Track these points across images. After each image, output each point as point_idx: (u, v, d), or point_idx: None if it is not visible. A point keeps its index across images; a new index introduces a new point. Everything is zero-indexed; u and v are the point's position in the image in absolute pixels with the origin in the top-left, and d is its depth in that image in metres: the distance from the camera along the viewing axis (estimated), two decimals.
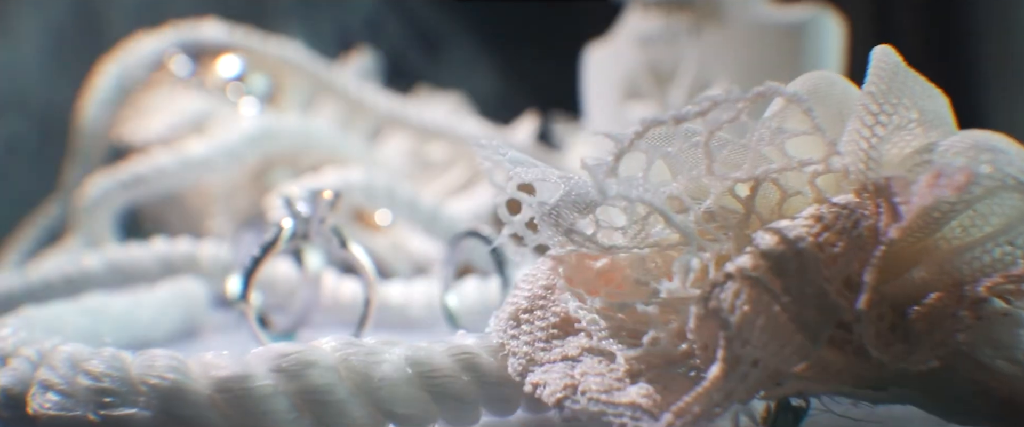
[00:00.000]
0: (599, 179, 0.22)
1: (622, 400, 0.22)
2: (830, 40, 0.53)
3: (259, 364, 0.22)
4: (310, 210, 0.33)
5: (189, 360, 0.22)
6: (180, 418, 0.22)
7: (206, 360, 0.22)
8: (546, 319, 0.25)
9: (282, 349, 0.22)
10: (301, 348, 0.22)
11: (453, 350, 0.24)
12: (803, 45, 0.53)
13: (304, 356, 0.22)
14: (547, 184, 0.25)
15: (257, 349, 0.23)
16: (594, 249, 0.24)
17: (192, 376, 0.22)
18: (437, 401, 0.23)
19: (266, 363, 0.22)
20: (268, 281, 0.43)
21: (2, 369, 0.24)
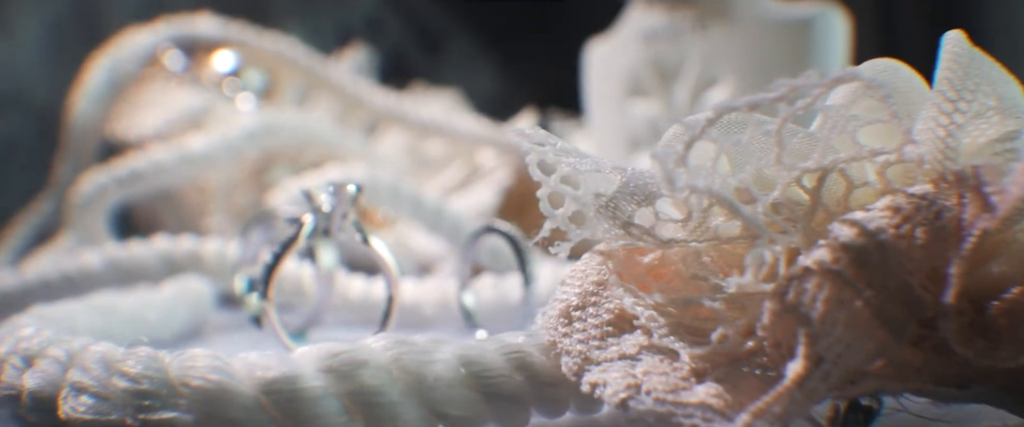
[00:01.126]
0: (669, 168, 0.20)
1: (690, 400, 0.20)
2: (836, 37, 0.52)
3: (307, 364, 0.21)
4: (332, 204, 0.32)
5: (232, 360, 0.21)
6: (225, 421, 0.20)
7: (250, 360, 0.21)
8: (599, 316, 0.23)
9: (331, 348, 0.21)
10: (351, 347, 0.21)
11: (505, 349, 0.23)
12: (810, 41, 0.52)
13: (355, 356, 0.21)
14: (600, 175, 0.24)
15: (303, 348, 0.21)
16: (650, 243, 0.23)
17: (237, 377, 0.20)
18: (489, 402, 0.22)
19: (315, 363, 0.21)
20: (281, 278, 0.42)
21: (29, 371, 0.22)
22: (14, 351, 0.23)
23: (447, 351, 0.22)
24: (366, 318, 0.42)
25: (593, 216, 0.25)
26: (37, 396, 0.22)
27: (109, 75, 0.59)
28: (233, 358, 0.21)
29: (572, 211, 0.26)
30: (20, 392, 0.22)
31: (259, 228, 0.40)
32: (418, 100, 0.67)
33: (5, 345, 0.24)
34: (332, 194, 0.32)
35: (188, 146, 0.51)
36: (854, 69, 0.21)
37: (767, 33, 0.52)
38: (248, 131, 0.51)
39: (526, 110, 0.66)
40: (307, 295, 0.42)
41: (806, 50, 0.52)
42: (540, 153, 0.26)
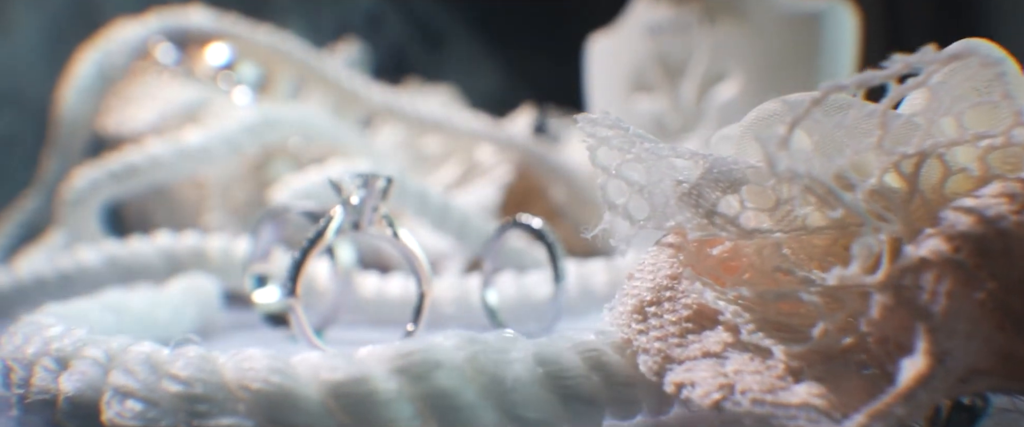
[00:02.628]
0: (771, 150, 0.19)
1: (791, 401, 0.19)
2: (846, 31, 0.51)
3: (378, 365, 0.19)
4: (363, 197, 0.30)
5: (293, 361, 0.19)
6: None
7: (313, 361, 0.19)
8: (677, 312, 0.22)
9: (401, 348, 0.19)
10: (423, 346, 0.19)
11: (580, 347, 0.21)
12: (820, 36, 0.50)
13: (429, 355, 0.19)
14: (667, 162, 0.22)
15: (371, 348, 0.19)
16: (733, 233, 0.21)
17: (301, 379, 0.18)
18: (565, 404, 0.20)
19: (385, 364, 0.19)
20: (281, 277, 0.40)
21: (65, 374, 0.20)
22: (45, 352, 0.21)
23: (523, 350, 0.20)
24: (379, 317, 0.40)
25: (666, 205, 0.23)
26: (76, 401, 0.19)
27: (98, 68, 0.56)
28: (292, 358, 0.19)
29: (633, 202, 0.24)
30: (55, 396, 0.20)
31: (270, 224, 0.38)
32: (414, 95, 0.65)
33: (33, 346, 0.21)
34: (362, 186, 0.30)
35: (185, 140, 0.48)
36: (969, 43, 0.19)
37: (776, 27, 0.51)
38: (247, 124, 0.49)
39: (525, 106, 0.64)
40: (319, 293, 0.40)
41: (816, 45, 0.50)
42: (601, 140, 0.24)
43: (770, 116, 0.21)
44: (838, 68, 0.50)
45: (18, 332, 0.23)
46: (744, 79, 0.51)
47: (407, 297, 0.40)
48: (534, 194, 0.59)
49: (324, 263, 0.41)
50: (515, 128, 0.62)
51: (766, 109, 0.21)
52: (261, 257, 0.38)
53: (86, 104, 0.56)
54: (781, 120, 0.21)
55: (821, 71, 0.50)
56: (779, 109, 0.20)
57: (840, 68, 0.50)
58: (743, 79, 0.51)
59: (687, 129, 0.53)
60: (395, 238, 0.30)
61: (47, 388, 0.20)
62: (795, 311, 0.21)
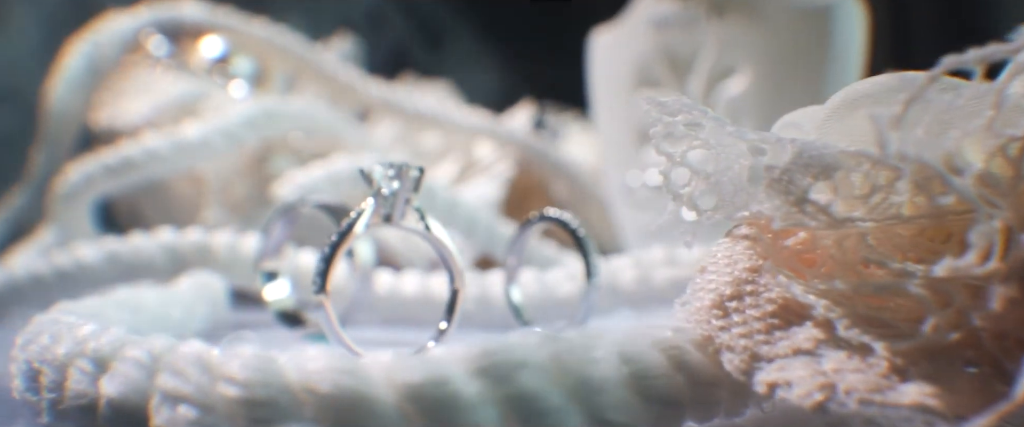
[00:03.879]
0: (883, 130, 0.17)
1: (902, 401, 0.17)
2: (855, 26, 0.49)
3: (457, 366, 0.17)
4: (397, 188, 0.28)
5: (362, 361, 0.17)
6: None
7: (384, 362, 0.17)
8: (760, 307, 0.20)
9: (480, 348, 0.17)
10: (503, 345, 0.17)
11: (662, 344, 0.19)
12: (829, 30, 0.49)
13: (512, 355, 0.17)
14: (737, 147, 0.21)
15: (447, 348, 0.17)
16: (823, 222, 0.19)
17: (373, 382, 0.17)
18: (648, 405, 0.18)
19: (466, 364, 0.17)
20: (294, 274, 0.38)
21: (106, 376, 0.18)
22: (80, 353, 0.19)
23: (606, 348, 0.18)
24: (392, 316, 0.39)
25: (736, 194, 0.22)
26: (120, 406, 0.17)
27: (88, 61, 0.54)
28: (360, 359, 0.17)
29: (700, 190, 0.22)
30: (95, 401, 0.18)
31: (282, 220, 0.35)
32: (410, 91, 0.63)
33: (64, 346, 0.19)
34: (395, 176, 0.28)
35: (183, 133, 0.46)
36: None
37: (785, 21, 0.49)
38: (247, 117, 0.47)
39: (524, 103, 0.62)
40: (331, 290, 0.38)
41: (826, 39, 0.49)
42: (668, 126, 0.22)
43: (866, 95, 0.19)
44: (847, 63, 0.49)
45: (42, 332, 0.21)
46: (753, 74, 0.50)
47: (422, 296, 0.38)
48: (535, 190, 0.57)
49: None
50: (514, 124, 0.60)
51: (857, 90, 0.20)
52: (272, 253, 0.36)
53: (76, 98, 0.53)
54: (876, 100, 0.19)
55: (831, 66, 0.49)
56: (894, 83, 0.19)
57: (849, 63, 0.49)
58: (752, 74, 0.50)
59: None
60: (427, 231, 0.29)
61: (84, 392, 0.18)
62: (884, 305, 0.20)
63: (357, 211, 0.28)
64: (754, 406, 0.21)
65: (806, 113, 0.23)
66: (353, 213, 0.28)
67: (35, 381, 0.20)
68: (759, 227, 0.21)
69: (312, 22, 0.68)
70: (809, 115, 0.22)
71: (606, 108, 0.55)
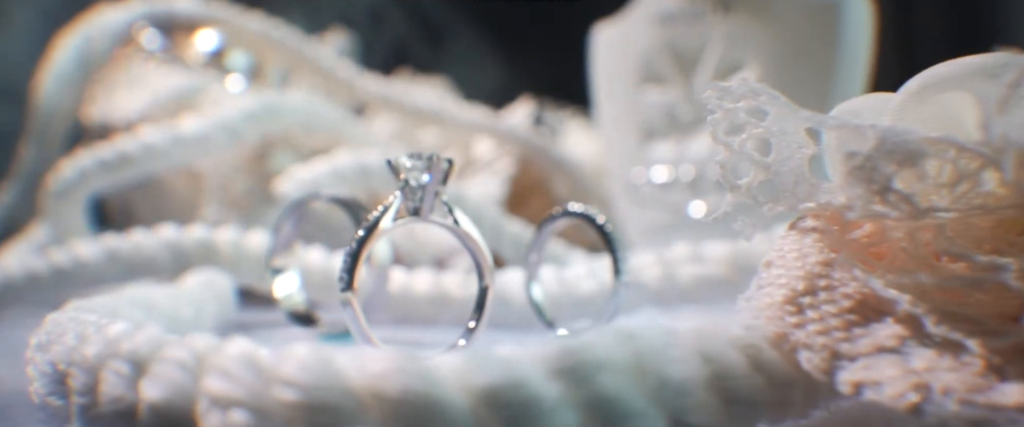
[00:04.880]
0: (990, 114, 0.16)
1: (1006, 402, 0.16)
2: (863, 20, 0.48)
3: (534, 367, 0.15)
4: (427, 180, 0.26)
5: (429, 363, 0.16)
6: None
7: (453, 363, 0.15)
8: (836, 302, 0.19)
9: (560, 347, 0.16)
10: (580, 344, 0.16)
11: (739, 341, 0.18)
12: (837, 25, 0.48)
13: (593, 354, 0.16)
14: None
15: (519, 347, 0.16)
16: (905, 213, 0.18)
17: (444, 384, 0.15)
18: (727, 407, 0.17)
19: (543, 365, 0.15)
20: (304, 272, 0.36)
21: (145, 379, 0.16)
22: (114, 353, 0.17)
23: (685, 346, 0.17)
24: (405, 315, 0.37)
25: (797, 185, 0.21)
26: (163, 411, 0.16)
27: (79, 55, 0.52)
28: (427, 360, 0.16)
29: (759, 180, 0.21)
30: (134, 406, 0.16)
31: (293, 216, 0.34)
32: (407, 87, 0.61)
33: (94, 346, 0.18)
34: (425, 168, 0.26)
35: (182, 128, 0.44)
36: None
37: (794, 15, 0.48)
38: (247, 112, 0.45)
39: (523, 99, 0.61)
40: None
41: (834, 34, 0.48)
42: (729, 113, 0.21)
43: (948, 79, 0.18)
44: (856, 58, 0.48)
45: (65, 332, 0.19)
46: (760, 69, 0.48)
47: (436, 294, 0.36)
48: (535, 188, 0.56)
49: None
50: (513, 121, 0.58)
51: (937, 74, 0.19)
52: (283, 251, 0.34)
53: (66, 92, 0.51)
54: (959, 84, 0.18)
55: (839, 61, 0.48)
56: (964, 70, 0.17)
57: (858, 58, 0.48)
58: (759, 69, 0.48)
59: (700, 122, 0.50)
60: (456, 225, 0.27)
61: (121, 396, 0.17)
62: (964, 300, 0.18)
63: (384, 205, 0.26)
64: (821, 407, 0.20)
65: (866, 101, 0.21)
66: (379, 207, 0.26)
67: (61, 384, 0.18)
68: (826, 219, 0.20)
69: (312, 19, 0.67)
70: (872, 102, 0.21)
71: (609, 104, 0.54)
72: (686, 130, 0.51)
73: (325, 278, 0.37)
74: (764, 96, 0.20)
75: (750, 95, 0.20)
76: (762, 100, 0.20)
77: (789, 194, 0.21)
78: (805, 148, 0.21)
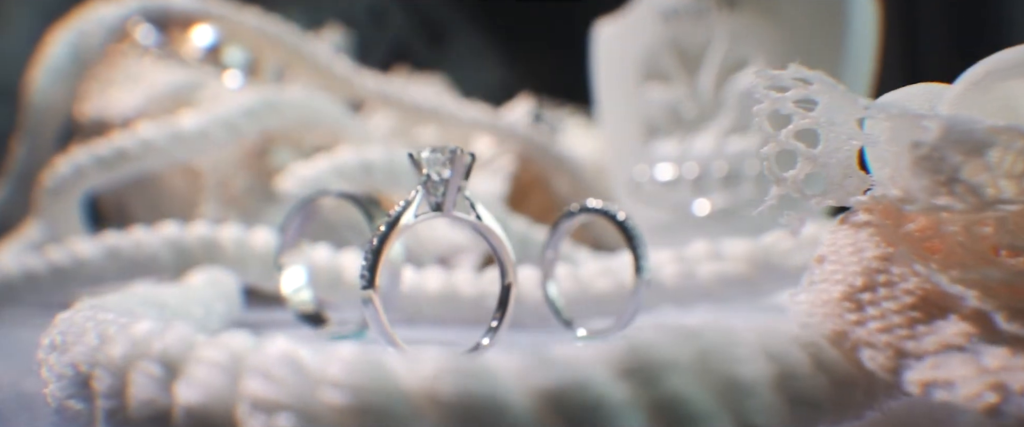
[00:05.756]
0: None
1: None
2: (869, 16, 0.48)
3: (598, 368, 0.14)
4: (450, 174, 0.25)
5: (488, 362, 0.14)
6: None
7: (512, 363, 0.14)
8: (897, 298, 0.18)
9: (624, 346, 0.15)
10: (642, 342, 0.15)
11: (801, 341, 0.17)
12: (843, 21, 0.47)
13: (659, 354, 0.15)
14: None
15: (581, 347, 0.15)
16: (971, 205, 0.17)
17: (504, 385, 0.14)
18: (792, 408, 0.16)
19: (608, 365, 0.14)
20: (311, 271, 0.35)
21: (179, 381, 0.15)
22: (144, 354, 0.16)
23: (750, 344, 0.16)
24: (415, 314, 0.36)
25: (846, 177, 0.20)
26: (201, 415, 0.15)
27: (72, 50, 0.50)
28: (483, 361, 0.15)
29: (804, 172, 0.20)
30: (167, 409, 0.15)
31: (302, 213, 0.33)
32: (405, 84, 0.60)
33: (119, 346, 0.17)
34: (448, 162, 0.25)
35: (181, 124, 0.43)
36: None
37: (799, 11, 0.47)
38: (247, 108, 0.44)
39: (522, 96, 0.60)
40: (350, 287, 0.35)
41: (840, 29, 0.47)
42: (775, 103, 0.20)
43: (1016, 66, 0.17)
44: (862, 54, 0.47)
45: (84, 331, 0.18)
46: (765, 66, 0.48)
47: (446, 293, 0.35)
48: (535, 185, 0.55)
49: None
50: (512, 118, 0.57)
51: (1002, 60, 0.18)
52: (291, 249, 0.33)
53: (59, 88, 0.50)
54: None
55: (845, 57, 0.47)
56: None
57: (864, 54, 0.48)
58: (764, 66, 0.48)
59: (705, 119, 0.49)
60: (479, 221, 0.26)
61: (153, 399, 0.15)
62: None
63: (405, 200, 0.25)
64: (876, 408, 0.19)
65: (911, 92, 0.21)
66: (400, 202, 0.25)
67: (84, 387, 0.17)
68: (880, 212, 0.19)
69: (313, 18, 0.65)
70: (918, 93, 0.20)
71: (611, 102, 0.53)
72: (689, 127, 0.50)
73: (332, 277, 0.35)
74: (817, 84, 0.19)
75: (801, 83, 0.19)
76: (814, 89, 0.19)
77: (838, 187, 0.20)
78: (855, 139, 0.20)
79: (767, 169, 0.20)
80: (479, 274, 0.36)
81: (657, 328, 0.15)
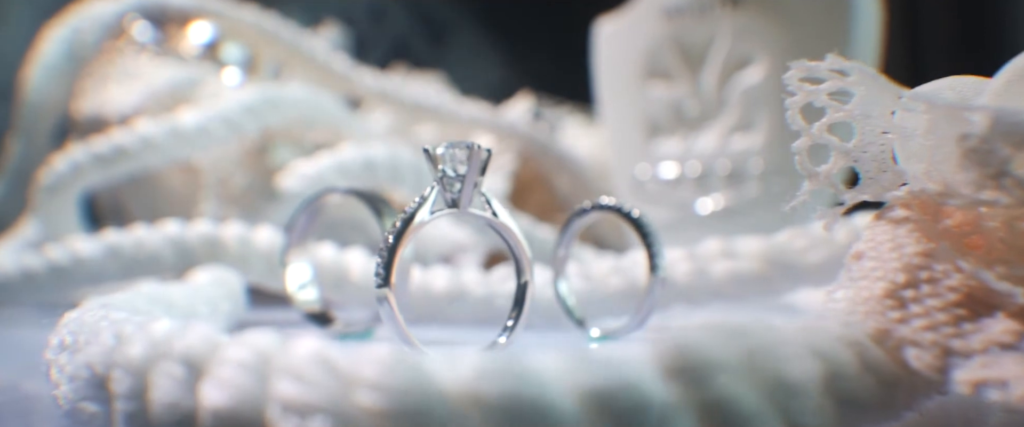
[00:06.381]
0: None
1: None
2: (872, 16, 0.47)
3: (646, 368, 0.14)
4: (466, 170, 0.24)
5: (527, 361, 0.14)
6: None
7: (556, 363, 0.14)
8: (941, 296, 0.17)
9: (671, 345, 0.14)
10: (693, 341, 0.14)
11: (846, 339, 0.16)
12: (848, 17, 0.47)
13: (706, 354, 0.14)
14: (879, 120, 0.18)
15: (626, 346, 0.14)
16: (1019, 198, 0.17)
17: (549, 386, 0.13)
18: (841, 410, 0.15)
19: (654, 365, 0.14)
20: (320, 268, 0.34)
21: (204, 382, 0.15)
22: (165, 354, 0.15)
23: (796, 344, 0.15)
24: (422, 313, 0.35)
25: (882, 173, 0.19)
26: (229, 418, 0.14)
27: (67, 47, 0.49)
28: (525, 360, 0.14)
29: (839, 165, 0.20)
30: (192, 412, 0.14)
31: (308, 212, 0.32)
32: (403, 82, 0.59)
33: (136, 347, 0.16)
34: (464, 158, 0.24)
35: (180, 120, 0.42)
36: None
37: (804, 9, 0.47)
38: (248, 104, 0.43)
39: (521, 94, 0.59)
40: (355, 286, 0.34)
41: (845, 26, 0.47)
42: (809, 95, 0.19)
43: None
44: (865, 52, 0.47)
45: (98, 330, 0.17)
46: (770, 64, 0.47)
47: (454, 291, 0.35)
48: (536, 183, 0.54)
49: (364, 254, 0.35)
50: (512, 116, 0.57)
51: None
52: (298, 248, 0.32)
53: (54, 85, 0.49)
54: None
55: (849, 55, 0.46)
56: None
57: (868, 51, 0.47)
58: (769, 64, 0.47)
59: (707, 117, 0.49)
60: (495, 218, 0.25)
61: (177, 402, 0.15)
62: None
63: (420, 196, 0.24)
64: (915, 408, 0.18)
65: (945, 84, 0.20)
66: (416, 198, 0.25)
67: (100, 388, 0.16)
68: (919, 207, 0.19)
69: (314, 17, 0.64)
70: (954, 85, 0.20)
71: (612, 100, 0.52)
72: (692, 126, 0.49)
73: (337, 275, 0.35)
74: (855, 75, 0.18)
75: (838, 74, 0.19)
76: (852, 80, 0.18)
77: (873, 182, 0.19)
78: (890, 133, 0.19)
79: (799, 164, 0.20)
80: (485, 274, 0.35)
81: (702, 327, 0.15)
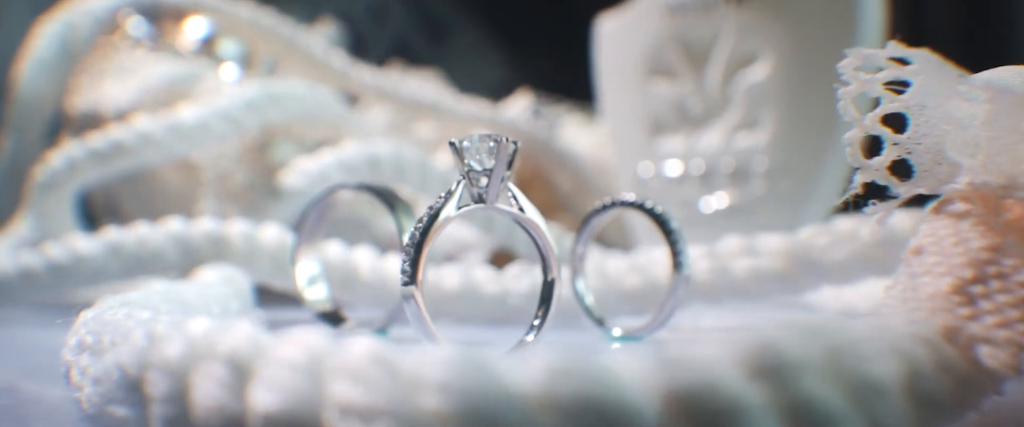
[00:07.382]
0: None
1: None
2: (877, 12, 0.47)
3: (729, 367, 0.13)
4: (493, 165, 0.23)
5: (602, 361, 0.13)
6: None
7: (629, 362, 0.13)
8: (1012, 291, 0.16)
9: (754, 344, 0.13)
10: (776, 340, 0.13)
11: (920, 336, 0.15)
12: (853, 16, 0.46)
13: (790, 353, 0.13)
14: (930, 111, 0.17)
15: (706, 346, 0.13)
16: None
17: (627, 387, 0.12)
18: (920, 411, 0.15)
19: (738, 365, 0.13)
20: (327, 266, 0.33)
21: (254, 384, 0.13)
22: (207, 355, 0.14)
23: (874, 342, 0.14)
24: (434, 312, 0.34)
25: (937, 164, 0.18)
26: (281, 422, 0.13)
27: (60, 42, 0.48)
28: (600, 360, 0.13)
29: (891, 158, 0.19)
30: (240, 416, 0.13)
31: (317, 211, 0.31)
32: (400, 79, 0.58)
33: (173, 346, 0.15)
34: (492, 152, 0.23)
35: (179, 116, 0.41)
36: None
37: (808, 6, 0.46)
38: (248, 100, 0.42)
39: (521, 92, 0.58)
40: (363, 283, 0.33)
41: (849, 25, 0.46)
42: (863, 85, 0.18)
43: None
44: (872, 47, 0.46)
45: (129, 330, 0.16)
46: (775, 61, 0.46)
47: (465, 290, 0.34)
48: (536, 180, 0.53)
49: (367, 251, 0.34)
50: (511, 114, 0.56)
51: None
52: (308, 246, 0.31)
53: (47, 80, 0.48)
54: None
55: None
56: None
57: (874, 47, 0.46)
58: (774, 61, 0.46)
59: (711, 115, 0.48)
60: (522, 214, 0.24)
61: (222, 405, 0.14)
62: None
63: (446, 191, 0.24)
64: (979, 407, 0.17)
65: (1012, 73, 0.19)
66: (441, 194, 0.24)
67: (134, 391, 0.15)
68: (979, 201, 0.18)
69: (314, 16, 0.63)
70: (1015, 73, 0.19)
71: (614, 97, 0.52)
72: (696, 123, 0.48)
73: (345, 274, 0.34)
74: (917, 62, 0.17)
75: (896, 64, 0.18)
76: (911, 69, 0.18)
77: (928, 175, 0.19)
78: (947, 124, 0.18)
79: (850, 156, 0.19)
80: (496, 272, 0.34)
81: (780, 325, 0.14)
